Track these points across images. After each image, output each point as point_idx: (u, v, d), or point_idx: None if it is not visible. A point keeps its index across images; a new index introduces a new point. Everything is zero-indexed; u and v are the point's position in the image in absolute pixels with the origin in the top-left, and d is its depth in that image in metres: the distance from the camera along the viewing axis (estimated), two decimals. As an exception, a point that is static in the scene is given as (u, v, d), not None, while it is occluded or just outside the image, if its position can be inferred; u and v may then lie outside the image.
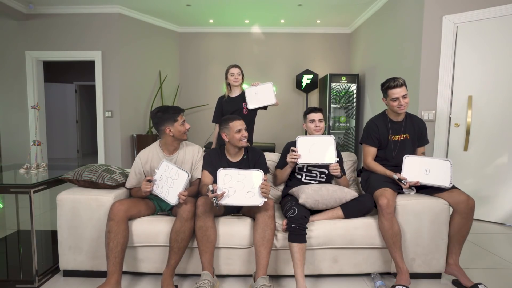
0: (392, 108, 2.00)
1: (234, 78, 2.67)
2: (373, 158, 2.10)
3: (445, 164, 1.81)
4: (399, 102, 1.94)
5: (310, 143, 1.98)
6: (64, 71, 7.24)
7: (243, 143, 1.95)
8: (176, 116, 1.88)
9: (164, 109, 1.90)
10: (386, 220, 1.74)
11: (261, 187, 1.68)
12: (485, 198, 2.93)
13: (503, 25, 2.78)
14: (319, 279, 1.89)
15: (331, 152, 1.95)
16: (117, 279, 1.61)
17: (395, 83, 1.94)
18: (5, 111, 4.67)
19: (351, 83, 4.87)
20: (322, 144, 1.97)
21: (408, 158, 1.90)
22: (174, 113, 1.88)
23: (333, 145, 1.95)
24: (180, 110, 1.93)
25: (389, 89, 1.96)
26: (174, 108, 1.92)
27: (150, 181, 1.76)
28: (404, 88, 1.95)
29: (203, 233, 1.69)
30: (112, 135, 4.67)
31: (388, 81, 1.98)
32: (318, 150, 1.96)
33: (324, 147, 1.96)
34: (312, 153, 1.96)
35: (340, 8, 4.46)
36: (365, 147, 2.12)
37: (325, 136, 1.99)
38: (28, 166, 2.22)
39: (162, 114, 1.88)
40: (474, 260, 2.16)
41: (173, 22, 5.24)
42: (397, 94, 1.93)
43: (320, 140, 1.98)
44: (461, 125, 3.02)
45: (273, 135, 5.54)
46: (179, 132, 1.90)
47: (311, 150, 1.97)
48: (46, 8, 4.49)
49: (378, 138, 2.06)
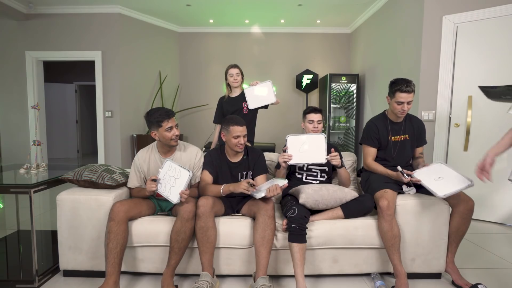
0: (393, 109, 1.99)
1: (233, 79, 2.67)
2: (373, 158, 2.09)
3: (462, 182, 1.67)
4: (403, 107, 1.92)
5: (300, 143, 1.95)
6: (64, 71, 7.24)
7: (237, 149, 1.93)
8: (161, 121, 1.78)
9: (151, 112, 1.81)
10: (386, 222, 1.74)
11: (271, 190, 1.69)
12: (485, 198, 2.93)
13: (503, 25, 2.78)
14: (319, 279, 1.89)
15: (321, 151, 1.91)
16: (115, 280, 1.61)
17: (407, 88, 1.88)
18: (5, 111, 4.67)
19: (351, 83, 4.87)
20: (313, 143, 1.93)
21: (437, 165, 1.83)
22: (159, 117, 1.78)
23: (323, 144, 1.92)
24: (166, 115, 1.80)
25: (398, 91, 1.91)
26: (161, 112, 1.80)
27: (155, 180, 1.75)
28: (412, 95, 1.91)
29: (203, 233, 1.69)
30: (112, 135, 4.67)
31: (400, 83, 1.91)
32: (309, 149, 1.93)
33: (315, 146, 1.93)
34: (302, 153, 1.94)
35: (340, 8, 4.46)
36: (365, 147, 2.12)
37: (315, 135, 1.95)
38: (28, 166, 2.21)
39: (147, 117, 1.82)
40: (474, 260, 2.16)
41: (173, 22, 5.24)
42: (404, 99, 1.90)
43: (310, 140, 1.95)
44: (461, 125, 3.02)
45: (273, 135, 5.55)
46: (164, 138, 1.82)
47: (301, 150, 1.94)
48: (46, 8, 4.49)
49: (378, 138, 2.06)
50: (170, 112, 1.83)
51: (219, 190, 1.83)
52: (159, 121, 1.79)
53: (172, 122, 1.82)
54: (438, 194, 1.65)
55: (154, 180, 1.75)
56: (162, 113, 1.80)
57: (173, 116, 1.85)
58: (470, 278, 1.90)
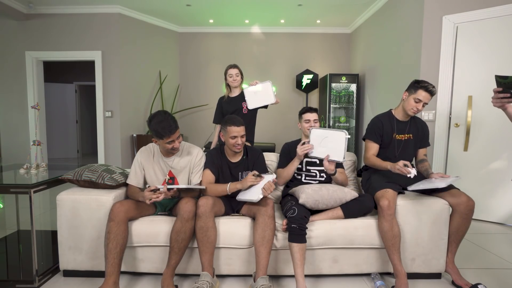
0: (407, 105, 1.96)
1: (232, 79, 2.67)
2: (374, 154, 2.05)
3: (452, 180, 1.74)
4: (418, 105, 1.92)
5: (322, 137, 1.91)
6: (64, 71, 7.24)
7: (235, 149, 1.93)
8: (163, 136, 1.72)
9: (154, 121, 1.73)
10: (387, 221, 1.74)
11: (265, 186, 1.70)
12: (485, 198, 2.93)
13: (503, 25, 2.78)
14: (319, 279, 1.89)
15: (340, 149, 1.87)
16: (115, 280, 1.60)
17: (432, 89, 1.89)
18: (5, 111, 4.67)
19: (351, 83, 4.86)
20: (334, 139, 1.89)
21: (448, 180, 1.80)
22: (162, 131, 1.71)
23: (344, 142, 1.87)
24: (169, 132, 1.72)
25: (421, 89, 1.90)
26: (164, 126, 1.70)
27: (154, 191, 1.68)
28: (431, 98, 1.92)
29: (203, 233, 1.69)
30: (112, 135, 4.67)
31: (426, 83, 1.91)
32: (329, 145, 1.90)
33: (335, 143, 1.89)
34: (322, 147, 1.91)
35: (340, 8, 4.46)
36: (368, 142, 2.09)
37: (338, 132, 1.89)
38: (28, 166, 2.21)
39: (150, 125, 1.75)
40: (473, 260, 2.16)
41: (173, 22, 5.24)
42: (423, 99, 1.90)
43: (332, 135, 1.90)
44: (461, 125, 3.02)
45: (273, 135, 5.54)
46: (163, 148, 1.82)
47: (322, 144, 1.92)
48: (46, 8, 4.49)
49: (382, 135, 2.04)
50: (172, 128, 1.73)
51: (224, 188, 1.83)
52: (162, 135, 1.73)
53: (174, 136, 1.76)
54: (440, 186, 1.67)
55: (154, 190, 1.69)
56: (165, 128, 1.71)
57: (176, 130, 1.75)
58: (470, 278, 1.90)
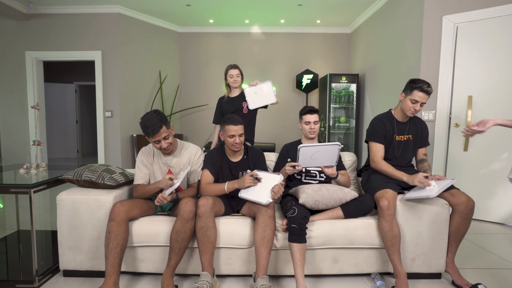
0: (405, 107, 1.95)
1: (233, 80, 2.66)
2: (382, 156, 1.99)
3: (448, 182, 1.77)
4: (416, 106, 1.90)
5: (313, 152, 1.85)
6: (64, 71, 7.24)
7: (234, 148, 1.93)
8: (148, 135, 1.76)
9: (142, 120, 1.77)
10: (386, 221, 1.74)
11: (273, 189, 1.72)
12: (485, 198, 2.93)
13: (503, 25, 2.78)
14: (319, 279, 1.89)
15: (333, 158, 1.87)
16: (115, 280, 1.60)
17: (428, 89, 1.87)
18: (5, 111, 4.67)
19: (351, 83, 4.86)
20: (325, 151, 1.85)
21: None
22: (145, 131, 1.75)
23: (337, 153, 1.86)
24: (152, 132, 1.74)
25: (417, 90, 1.87)
26: (148, 125, 1.74)
27: (171, 179, 1.73)
28: (428, 97, 1.90)
29: (203, 233, 1.69)
30: (112, 135, 4.67)
31: (421, 82, 1.88)
32: (320, 158, 1.87)
33: (327, 152, 1.85)
34: (314, 160, 1.88)
35: (340, 8, 4.46)
36: (373, 145, 2.02)
37: (330, 146, 1.83)
38: (28, 166, 2.21)
39: (141, 122, 1.78)
40: (473, 260, 2.16)
41: (173, 22, 5.24)
42: (420, 99, 1.88)
43: (324, 149, 1.84)
44: (461, 125, 3.02)
45: (273, 135, 5.54)
46: (154, 146, 1.85)
47: (313, 157, 1.87)
48: (46, 8, 4.49)
49: (385, 136, 2.02)
50: (156, 127, 1.73)
51: (222, 188, 1.83)
52: (147, 134, 1.76)
53: (159, 136, 1.76)
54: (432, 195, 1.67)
55: (171, 179, 1.73)
56: (148, 127, 1.73)
57: (159, 130, 1.75)
58: (470, 278, 1.90)
